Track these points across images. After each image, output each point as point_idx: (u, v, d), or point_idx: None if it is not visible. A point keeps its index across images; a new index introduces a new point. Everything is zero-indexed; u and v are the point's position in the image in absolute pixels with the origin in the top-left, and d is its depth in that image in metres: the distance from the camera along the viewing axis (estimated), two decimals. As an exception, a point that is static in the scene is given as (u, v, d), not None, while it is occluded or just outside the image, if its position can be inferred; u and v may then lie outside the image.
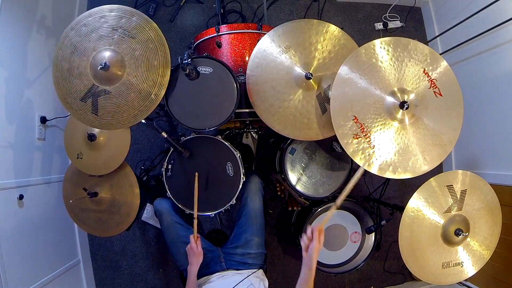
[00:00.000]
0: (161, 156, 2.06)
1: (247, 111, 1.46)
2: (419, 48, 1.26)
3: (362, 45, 1.28)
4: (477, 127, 2.00)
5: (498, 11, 1.71)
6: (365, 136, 1.25)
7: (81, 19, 1.27)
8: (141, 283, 2.13)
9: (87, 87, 1.27)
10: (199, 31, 1.61)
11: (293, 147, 1.59)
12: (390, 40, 1.27)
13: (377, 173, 1.25)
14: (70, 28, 1.28)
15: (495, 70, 1.85)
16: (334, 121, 1.26)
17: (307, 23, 1.39)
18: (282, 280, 2.18)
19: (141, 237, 2.15)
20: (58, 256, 1.78)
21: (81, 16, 1.27)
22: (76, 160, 1.44)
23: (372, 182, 2.19)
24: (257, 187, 1.49)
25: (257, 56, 1.37)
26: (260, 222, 1.46)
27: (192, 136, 1.46)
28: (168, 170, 1.47)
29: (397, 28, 2.43)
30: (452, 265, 1.33)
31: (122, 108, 1.25)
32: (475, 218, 1.33)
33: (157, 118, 1.91)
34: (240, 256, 1.40)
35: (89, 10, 1.27)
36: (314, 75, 1.34)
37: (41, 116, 1.72)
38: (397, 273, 2.29)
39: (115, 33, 1.25)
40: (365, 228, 1.61)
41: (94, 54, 1.26)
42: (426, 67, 1.26)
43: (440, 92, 1.26)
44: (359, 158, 1.25)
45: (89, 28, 1.26)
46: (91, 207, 1.47)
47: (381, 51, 1.26)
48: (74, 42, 1.27)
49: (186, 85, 1.34)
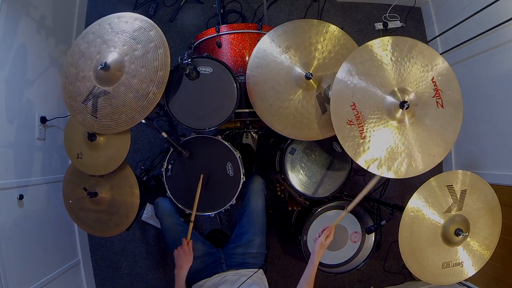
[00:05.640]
0: (161, 156, 2.06)
1: (247, 111, 1.46)
2: (426, 51, 1.26)
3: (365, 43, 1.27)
4: (477, 127, 2.00)
5: (498, 11, 1.71)
6: (359, 124, 1.24)
7: (91, 28, 1.35)
8: (141, 283, 2.13)
9: (89, 89, 1.28)
10: (199, 31, 1.61)
11: (293, 147, 1.59)
12: (397, 39, 1.27)
13: (361, 164, 1.24)
14: (81, 37, 1.36)
15: (495, 70, 1.85)
16: (333, 102, 1.25)
17: (307, 23, 1.39)
18: (282, 280, 2.18)
19: (141, 237, 2.15)
20: (58, 256, 1.78)
21: (91, 25, 1.36)
22: (76, 160, 1.44)
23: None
24: (259, 187, 1.49)
25: (257, 56, 1.37)
26: (262, 222, 1.46)
27: (192, 136, 1.46)
28: (168, 170, 1.47)
29: (397, 28, 2.43)
30: (452, 265, 1.33)
31: (120, 109, 1.25)
32: (475, 218, 1.33)
33: (157, 118, 1.91)
34: (240, 255, 1.40)
35: (99, 20, 1.35)
36: (314, 75, 1.33)
37: (41, 116, 1.72)
38: (397, 273, 2.29)
39: (118, 37, 1.28)
40: (365, 228, 1.61)
41: (98, 57, 1.28)
42: (435, 76, 1.25)
43: (442, 104, 1.26)
44: (347, 145, 1.24)
45: (96, 35, 1.33)
46: (90, 207, 1.47)
47: (387, 50, 1.26)
48: (82, 48, 1.33)
49: (186, 85, 1.34)
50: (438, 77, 1.26)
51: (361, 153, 1.24)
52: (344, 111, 1.25)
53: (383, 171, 1.24)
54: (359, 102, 1.25)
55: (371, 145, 1.24)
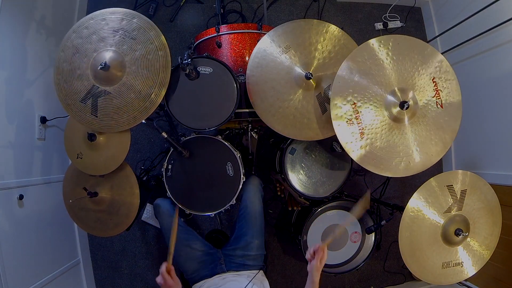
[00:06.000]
0: (161, 156, 2.06)
1: (247, 111, 1.46)
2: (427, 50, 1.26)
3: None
4: (477, 127, 2.00)
5: (498, 11, 1.71)
6: (358, 123, 1.25)
7: (83, 22, 1.28)
8: (141, 283, 2.13)
9: (87, 88, 1.27)
10: (199, 31, 1.61)
11: (293, 147, 1.59)
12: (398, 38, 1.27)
13: (360, 162, 1.25)
14: (72, 31, 1.29)
15: (495, 70, 1.85)
16: (333, 101, 1.26)
17: (307, 23, 1.39)
18: (282, 280, 2.18)
19: (141, 237, 2.14)
20: (58, 256, 1.78)
21: (83, 19, 1.28)
22: (76, 160, 1.44)
23: (372, 182, 2.19)
24: (256, 189, 1.47)
25: (257, 56, 1.37)
26: (259, 224, 1.44)
27: (192, 136, 1.46)
28: (168, 170, 1.47)
29: (397, 28, 2.43)
30: (452, 265, 1.33)
31: (122, 109, 1.25)
32: (475, 218, 1.33)
33: (157, 118, 1.91)
34: (240, 257, 1.40)
35: (91, 14, 1.28)
36: (314, 75, 1.34)
37: (41, 116, 1.72)
38: (397, 273, 2.29)
39: (116, 35, 1.26)
40: (365, 228, 1.61)
41: (95, 55, 1.26)
42: (436, 76, 1.26)
43: (441, 104, 1.26)
44: (346, 143, 1.24)
45: (90, 30, 1.27)
46: (90, 207, 1.47)
47: (388, 49, 1.27)
48: (76, 44, 1.27)
49: (186, 85, 1.34)
50: (439, 77, 1.26)
51: (360, 151, 1.24)
52: (344, 110, 1.25)
53: (382, 170, 1.24)
54: (359, 101, 1.25)
55: (370, 144, 1.24)
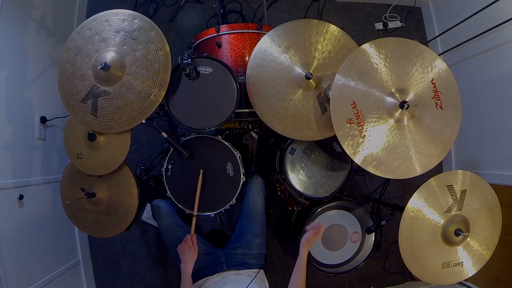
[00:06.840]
0: (161, 156, 2.06)
1: (247, 111, 1.46)
2: (426, 52, 1.26)
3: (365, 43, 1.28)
4: (477, 127, 2.00)
5: (498, 11, 1.71)
6: (358, 123, 1.25)
7: (86, 24, 1.30)
8: (141, 283, 2.13)
9: (88, 88, 1.27)
10: (199, 31, 1.61)
11: (293, 147, 1.59)
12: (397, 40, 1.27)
13: (360, 163, 1.25)
14: (75, 32, 1.30)
15: (495, 70, 1.85)
16: (333, 100, 1.25)
17: (307, 23, 1.39)
18: (282, 280, 2.18)
19: (141, 237, 2.14)
20: (58, 256, 1.78)
21: (87, 21, 1.31)
22: (76, 160, 1.44)
23: (372, 182, 2.19)
24: (259, 188, 1.48)
25: (257, 56, 1.37)
26: (261, 222, 1.45)
27: (192, 136, 1.46)
28: (168, 170, 1.47)
29: (397, 28, 2.42)
30: (452, 265, 1.33)
31: (122, 109, 1.25)
32: (475, 218, 1.33)
33: (157, 118, 1.91)
34: (240, 256, 1.40)
35: (94, 15, 1.30)
36: (314, 75, 1.33)
37: (41, 116, 1.72)
38: (397, 273, 2.29)
39: (117, 35, 1.26)
40: (365, 228, 1.61)
41: (97, 56, 1.26)
42: (435, 77, 1.25)
43: (441, 106, 1.26)
44: (347, 144, 1.24)
45: (93, 31, 1.29)
46: (88, 208, 1.46)
47: (387, 51, 1.26)
48: (79, 45, 1.29)
49: (186, 85, 1.34)
50: (438, 78, 1.26)
51: (360, 152, 1.24)
52: (344, 109, 1.25)
53: (381, 171, 1.24)
54: (359, 100, 1.25)
55: (370, 145, 1.24)
